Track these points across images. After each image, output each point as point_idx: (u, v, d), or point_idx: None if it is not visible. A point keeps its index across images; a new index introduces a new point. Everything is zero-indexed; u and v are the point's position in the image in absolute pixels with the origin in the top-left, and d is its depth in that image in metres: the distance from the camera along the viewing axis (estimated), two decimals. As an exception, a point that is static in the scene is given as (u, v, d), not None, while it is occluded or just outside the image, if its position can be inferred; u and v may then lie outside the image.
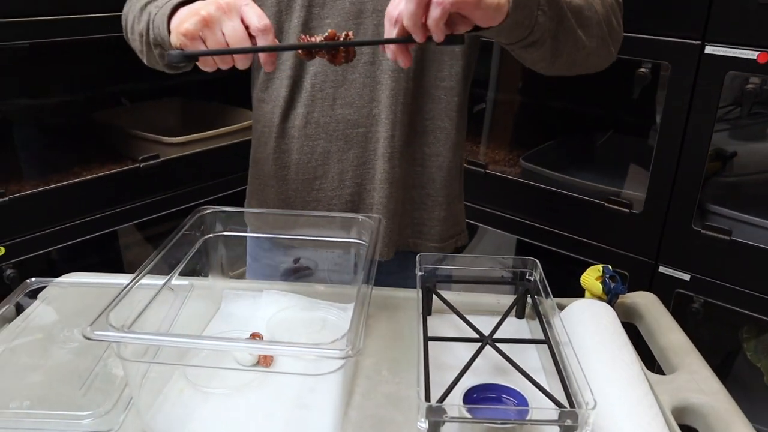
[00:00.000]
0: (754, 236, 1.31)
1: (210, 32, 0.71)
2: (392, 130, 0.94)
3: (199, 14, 0.71)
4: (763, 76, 1.23)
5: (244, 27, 0.70)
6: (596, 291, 0.90)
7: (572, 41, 0.80)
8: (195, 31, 0.71)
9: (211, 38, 0.71)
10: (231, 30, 0.70)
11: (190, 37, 0.72)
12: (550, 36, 0.77)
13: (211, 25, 0.70)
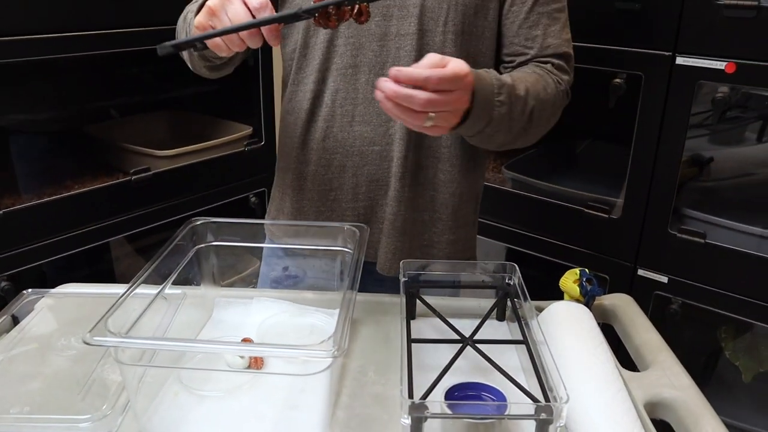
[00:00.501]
0: (728, 239, 1.36)
1: (217, 20, 0.75)
2: (406, 151, 0.98)
3: (208, 6, 0.76)
4: (731, 85, 1.29)
5: (246, 8, 0.74)
6: (574, 293, 0.95)
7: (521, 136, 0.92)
8: (205, 22, 0.77)
9: (219, 24, 0.75)
10: (233, 13, 0.74)
11: (201, 28, 0.77)
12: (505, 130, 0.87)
13: (217, 12, 0.75)
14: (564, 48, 0.97)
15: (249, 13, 0.73)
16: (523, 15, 0.95)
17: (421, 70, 0.71)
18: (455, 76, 0.73)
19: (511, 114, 0.86)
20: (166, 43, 0.74)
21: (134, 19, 1.45)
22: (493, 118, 0.84)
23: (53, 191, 1.48)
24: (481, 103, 0.81)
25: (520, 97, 0.87)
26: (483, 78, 0.82)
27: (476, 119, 0.82)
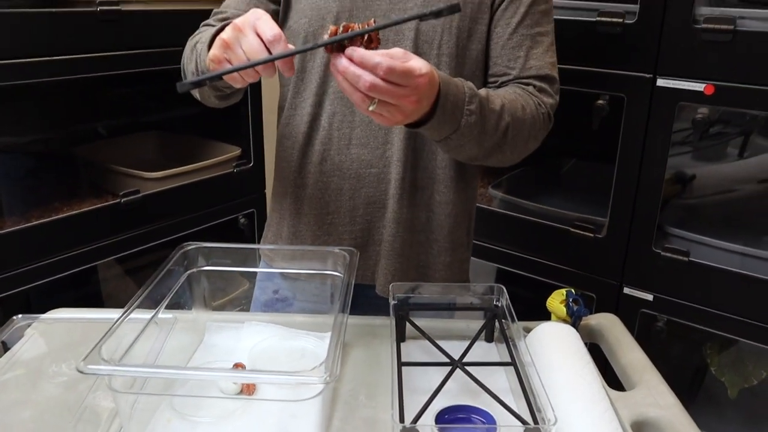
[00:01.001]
0: (711, 256, 1.38)
1: (232, 52, 0.76)
2: (403, 173, 0.99)
3: (221, 39, 0.77)
4: (710, 106, 1.32)
5: (260, 40, 0.74)
6: (561, 314, 0.96)
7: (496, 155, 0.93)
8: (220, 55, 0.77)
9: (234, 57, 0.76)
10: (248, 46, 0.74)
11: (217, 61, 0.78)
12: (474, 142, 0.87)
13: (232, 45, 0.75)
14: (546, 70, 0.99)
15: (263, 45, 0.73)
16: (507, 36, 0.98)
17: (373, 54, 0.71)
18: (406, 72, 0.72)
19: (484, 126, 0.87)
20: (185, 81, 0.75)
21: (122, 43, 1.46)
22: (461, 126, 0.84)
23: (41, 213, 1.48)
24: (448, 109, 0.82)
25: (495, 111, 0.88)
26: (456, 85, 0.83)
27: (442, 124, 0.83)
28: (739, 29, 1.22)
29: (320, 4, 0.96)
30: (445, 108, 0.81)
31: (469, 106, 0.84)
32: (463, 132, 0.85)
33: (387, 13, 0.95)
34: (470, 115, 0.84)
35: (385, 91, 0.72)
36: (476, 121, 0.85)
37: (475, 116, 0.85)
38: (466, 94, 0.84)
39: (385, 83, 0.72)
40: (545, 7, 0.98)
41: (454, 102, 0.82)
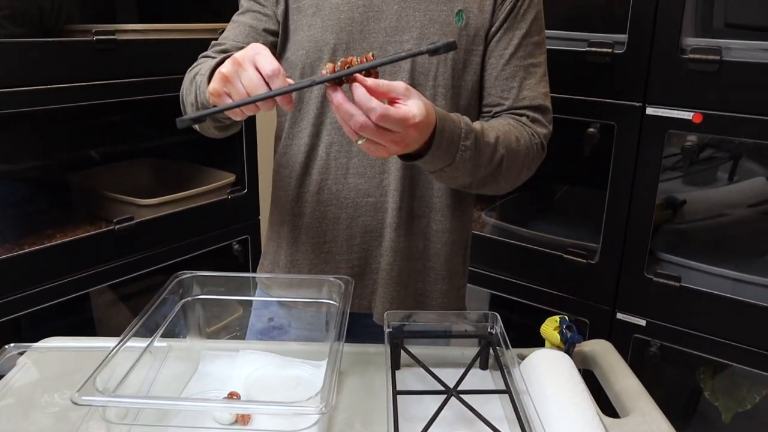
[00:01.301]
0: (702, 282, 1.39)
1: (232, 86, 0.77)
2: (400, 202, 1.00)
3: (221, 73, 0.77)
4: (698, 134, 1.34)
5: (259, 74, 0.75)
6: (554, 340, 0.96)
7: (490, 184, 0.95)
8: (220, 89, 0.78)
9: (234, 91, 0.77)
10: (247, 80, 0.75)
11: (216, 94, 0.79)
12: (468, 174, 0.89)
13: (232, 79, 0.76)
14: (540, 101, 1.00)
15: (262, 79, 0.74)
16: (500, 67, 0.99)
17: (370, 100, 0.72)
18: (401, 120, 0.73)
19: (478, 160, 0.88)
20: (184, 117, 0.75)
21: (118, 72, 1.48)
22: (456, 160, 0.85)
23: (34, 240, 1.48)
24: (444, 144, 0.83)
25: (489, 144, 0.90)
26: (452, 121, 0.84)
27: (436, 159, 0.84)
28: (725, 59, 1.25)
29: (317, 36, 0.98)
30: (440, 143, 0.82)
31: (465, 142, 0.85)
32: (458, 166, 0.86)
33: (383, 45, 0.97)
34: (465, 150, 0.86)
35: (373, 133, 0.74)
36: (471, 155, 0.87)
37: (470, 151, 0.86)
38: (463, 130, 0.85)
39: (377, 127, 0.73)
40: (538, 39, 1.01)
41: (450, 138, 0.83)
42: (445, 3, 0.96)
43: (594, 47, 1.39)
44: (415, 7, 0.96)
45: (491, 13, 0.98)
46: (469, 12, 0.97)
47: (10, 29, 1.44)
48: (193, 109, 0.92)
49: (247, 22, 1.02)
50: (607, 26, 1.47)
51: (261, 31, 1.01)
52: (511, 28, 0.98)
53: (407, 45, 0.96)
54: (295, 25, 1.00)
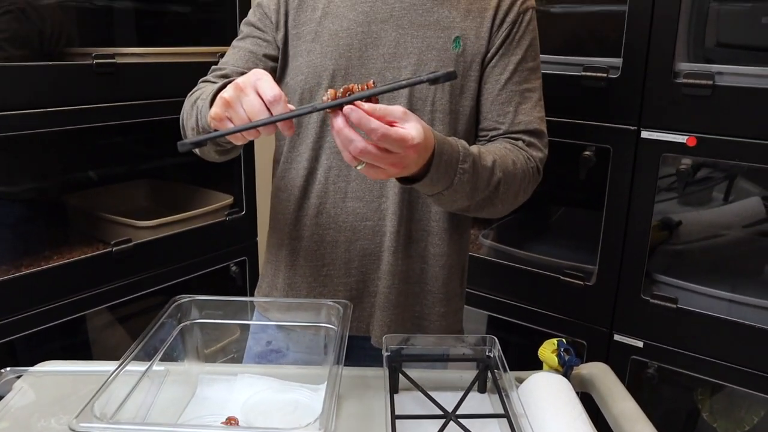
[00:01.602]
0: (699, 303, 1.40)
1: (233, 111, 0.77)
2: (398, 226, 1.01)
3: (222, 98, 0.78)
4: (693, 157, 1.35)
5: (260, 100, 0.76)
6: (552, 363, 0.97)
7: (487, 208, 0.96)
8: (221, 113, 0.79)
9: (235, 116, 0.77)
10: (249, 105, 0.76)
11: (218, 119, 0.79)
12: (466, 197, 0.90)
13: (233, 104, 0.77)
14: (535, 125, 1.02)
15: (264, 104, 0.75)
16: (496, 92, 1.01)
17: (371, 120, 0.73)
18: (400, 140, 0.74)
19: (475, 183, 0.89)
20: (185, 141, 0.76)
21: (117, 94, 1.49)
22: (454, 183, 0.86)
23: (31, 262, 1.48)
24: (442, 167, 0.84)
25: (487, 167, 0.91)
26: (450, 144, 0.86)
27: (435, 182, 0.85)
28: (718, 84, 1.26)
29: (316, 62, 0.99)
30: (439, 166, 0.83)
31: (463, 165, 0.86)
32: (456, 189, 0.87)
33: (381, 71, 0.98)
34: (463, 173, 0.87)
35: (375, 158, 0.75)
36: (469, 178, 0.87)
37: (468, 174, 0.87)
38: (461, 153, 0.86)
39: (376, 149, 0.74)
40: (533, 65, 1.02)
41: (448, 161, 0.84)
42: (442, 30, 0.98)
43: (589, 71, 1.41)
44: (413, 34, 0.98)
45: (487, 40, 0.99)
46: (466, 39, 0.99)
47: (11, 52, 1.45)
48: (193, 133, 0.93)
49: (247, 47, 1.03)
50: (602, 51, 1.49)
51: (261, 57, 1.02)
52: (506, 54, 1.00)
53: (405, 71, 0.98)
54: (295, 50, 1.01)
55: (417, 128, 0.77)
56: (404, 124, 0.76)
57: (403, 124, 0.76)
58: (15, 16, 1.46)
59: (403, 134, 0.75)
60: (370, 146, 0.74)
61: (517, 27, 1.00)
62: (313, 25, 1.00)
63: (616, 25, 1.40)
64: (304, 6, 1.01)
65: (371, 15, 0.98)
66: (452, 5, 0.99)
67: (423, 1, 0.99)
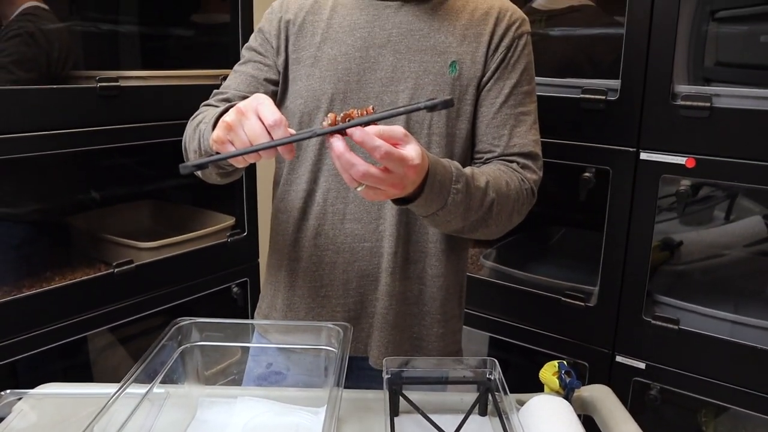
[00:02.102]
0: (701, 324, 1.39)
1: (235, 134, 0.78)
2: (395, 247, 1.02)
3: (224, 121, 0.79)
4: (692, 178, 1.36)
5: (261, 124, 0.77)
6: (553, 386, 0.96)
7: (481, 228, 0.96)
8: (223, 137, 0.80)
9: (237, 139, 0.78)
10: (250, 129, 0.77)
11: (220, 142, 0.80)
12: (460, 217, 0.91)
13: (235, 128, 0.78)
14: (530, 148, 1.02)
15: (264, 128, 0.76)
16: (491, 115, 1.02)
17: (374, 138, 0.74)
18: (402, 159, 0.76)
19: (469, 203, 0.90)
20: (187, 164, 0.77)
21: (121, 117, 1.50)
22: (448, 203, 0.87)
23: (33, 283, 1.48)
24: (436, 188, 0.85)
25: (480, 188, 0.92)
26: (443, 165, 0.87)
27: (429, 202, 0.86)
28: (716, 106, 1.27)
29: (315, 86, 1.00)
30: (432, 187, 0.84)
31: (456, 185, 0.87)
32: (450, 209, 0.88)
33: (379, 95, 0.99)
34: (457, 193, 0.87)
35: (376, 180, 0.76)
36: (462, 199, 0.88)
37: (461, 194, 0.88)
38: (453, 174, 0.87)
39: (378, 171, 0.75)
40: (528, 88, 1.03)
41: (442, 181, 0.85)
42: (438, 54, 1.00)
43: (587, 94, 1.42)
44: (410, 59, 0.99)
45: (483, 64, 1.01)
46: (462, 63, 1.00)
47: (18, 74, 1.47)
48: (196, 155, 0.94)
49: (248, 71, 1.05)
50: (600, 73, 1.50)
51: (262, 81, 1.04)
52: (501, 77, 1.01)
53: (402, 95, 0.99)
54: (294, 75, 1.03)
55: (416, 149, 0.78)
56: (405, 146, 0.78)
57: (404, 146, 0.77)
58: (23, 40, 1.48)
59: (404, 154, 0.76)
60: (372, 169, 0.75)
61: (512, 52, 1.01)
62: (312, 50, 1.02)
63: (614, 48, 1.42)
64: (304, 31, 1.03)
65: (369, 40, 1.00)
66: (449, 31, 1.00)
67: (420, 27, 1.00)
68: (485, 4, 1.03)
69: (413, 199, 0.85)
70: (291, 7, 1.05)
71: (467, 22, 1.01)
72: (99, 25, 1.78)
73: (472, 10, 1.02)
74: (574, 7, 1.62)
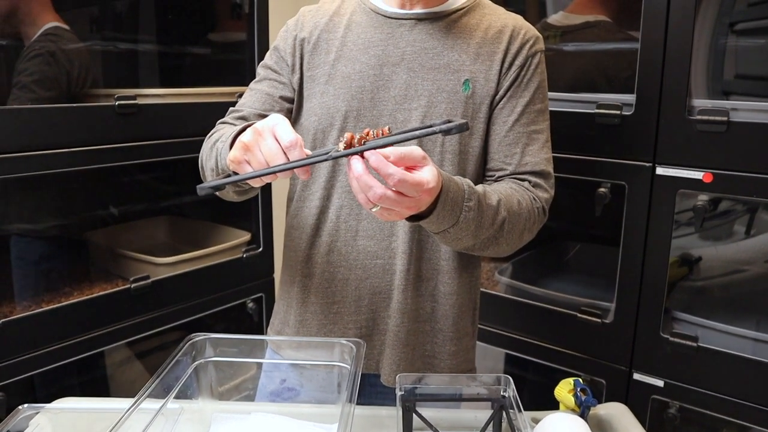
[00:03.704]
0: (721, 342, 1.37)
1: (251, 155, 0.80)
2: (408, 264, 1.02)
3: (241, 141, 0.81)
4: (709, 194, 1.34)
5: (278, 144, 0.78)
6: (569, 403, 0.95)
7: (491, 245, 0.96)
8: (240, 157, 0.81)
9: (254, 160, 0.80)
10: (267, 149, 0.78)
11: (236, 162, 0.82)
12: (471, 236, 0.91)
13: (252, 148, 0.79)
14: (542, 166, 1.02)
15: (281, 149, 0.77)
16: (503, 133, 1.02)
17: (389, 165, 0.74)
18: (417, 185, 0.77)
19: (480, 220, 0.90)
20: (204, 185, 0.78)
21: (138, 134, 1.52)
22: (460, 221, 0.88)
23: (51, 298, 1.50)
24: (448, 205, 0.85)
25: (491, 206, 0.92)
26: (456, 183, 0.87)
27: (441, 219, 0.86)
28: (733, 120, 1.26)
29: (329, 104, 1.01)
30: (445, 204, 0.84)
31: (468, 203, 0.88)
32: (461, 226, 0.88)
33: (392, 113, 1.00)
34: (469, 211, 0.88)
35: (392, 202, 0.77)
36: (474, 216, 0.89)
37: (473, 212, 0.88)
38: (465, 192, 0.88)
39: (394, 194, 0.76)
40: (541, 106, 1.03)
41: (454, 199, 0.86)
42: (452, 72, 1.00)
43: (602, 108, 1.42)
44: (423, 77, 1.00)
45: (496, 82, 1.01)
46: (476, 81, 1.00)
47: (39, 93, 1.50)
48: (212, 174, 0.95)
49: (264, 89, 1.06)
50: (615, 88, 1.50)
51: (277, 99, 1.05)
52: (515, 96, 1.01)
53: (416, 113, 0.99)
54: (309, 92, 1.04)
55: (432, 171, 0.79)
56: (422, 168, 0.78)
57: (421, 168, 0.78)
58: (45, 60, 1.51)
59: (419, 179, 0.77)
60: (388, 192, 0.76)
61: (525, 70, 1.01)
62: (326, 68, 1.02)
63: (629, 63, 1.41)
64: (319, 49, 1.04)
65: (383, 58, 1.01)
66: (462, 49, 1.01)
67: (434, 45, 1.01)
68: (499, 21, 1.03)
69: (426, 215, 0.85)
70: (306, 25, 1.06)
71: (481, 40, 1.02)
72: (118, 44, 1.81)
73: (486, 27, 1.02)
74: (590, 23, 1.62)
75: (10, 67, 1.48)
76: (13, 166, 1.31)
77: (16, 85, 1.46)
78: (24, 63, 1.49)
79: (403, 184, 0.75)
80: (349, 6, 1.06)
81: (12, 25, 1.48)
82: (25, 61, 1.49)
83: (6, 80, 1.47)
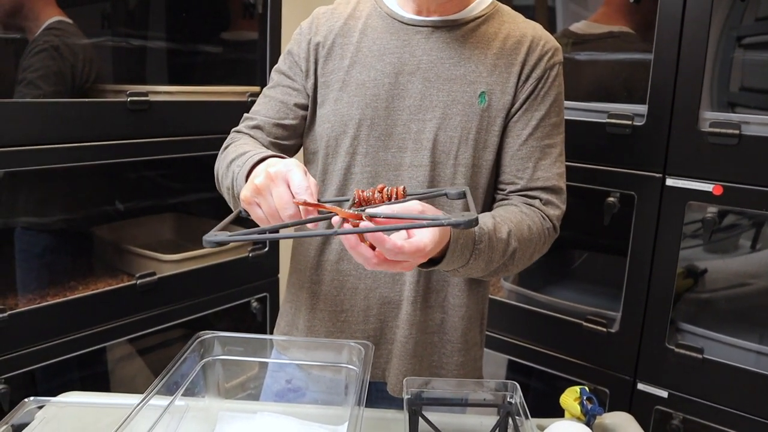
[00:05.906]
0: (725, 354, 1.37)
1: (262, 198, 0.80)
2: (418, 275, 1.01)
3: (253, 183, 0.80)
4: (719, 206, 1.34)
5: (289, 191, 0.78)
6: (575, 412, 0.95)
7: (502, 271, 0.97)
8: (251, 197, 0.81)
9: (264, 203, 0.80)
10: (277, 196, 0.78)
11: (247, 202, 0.82)
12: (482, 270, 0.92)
13: (263, 192, 0.79)
14: (553, 181, 1.01)
15: (291, 196, 0.77)
16: (516, 146, 1.00)
17: (385, 240, 0.72)
18: (414, 252, 0.75)
19: (491, 256, 0.90)
20: (211, 239, 0.74)
21: (149, 131, 1.53)
22: (469, 263, 0.88)
23: (56, 292, 1.50)
24: (458, 252, 0.85)
25: (502, 239, 0.91)
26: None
27: (450, 263, 0.86)
28: (744, 133, 1.26)
29: (343, 111, 1.00)
30: (454, 252, 0.85)
31: (479, 245, 0.88)
32: (471, 265, 0.89)
33: (406, 123, 0.99)
34: (480, 253, 0.88)
35: (387, 267, 0.77)
36: (485, 254, 0.89)
37: (484, 253, 0.88)
38: (476, 234, 0.87)
39: (390, 261, 0.76)
40: (556, 120, 1.02)
41: (464, 244, 0.86)
42: (468, 84, 0.98)
43: (614, 118, 1.41)
44: (439, 87, 0.99)
45: (513, 95, 0.99)
46: (492, 93, 0.99)
47: (44, 89, 1.50)
48: (228, 193, 0.96)
49: (277, 97, 1.04)
50: (627, 98, 1.50)
51: (291, 107, 1.04)
52: (530, 109, 1.00)
53: (430, 124, 0.98)
54: (323, 98, 1.03)
55: (431, 235, 0.77)
56: (419, 232, 0.76)
57: (419, 231, 0.76)
58: (49, 54, 1.51)
59: (416, 247, 0.75)
60: (384, 260, 0.75)
61: (543, 82, 0.99)
62: (341, 74, 1.01)
63: (642, 73, 1.41)
64: (333, 54, 1.02)
65: (399, 66, 0.99)
66: (479, 59, 0.99)
67: (450, 54, 0.99)
68: (518, 31, 1.01)
69: (435, 261, 0.85)
70: (320, 29, 1.04)
71: (498, 50, 1.00)
72: (129, 40, 1.81)
73: (504, 37, 1.00)
74: (614, 33, 1.62)
75: (16, 64, 1.48)
76: (23, 159, 1.32)
77: (21, 82, 1.46)
78: (28, 59, 1.48)
79: (400, 254, 0.74)
80: (365, 9, 1.04)
81: (16, 21, 1.48)
82: (29, 57, 1.49)
83: (13, 75, 1.47)
